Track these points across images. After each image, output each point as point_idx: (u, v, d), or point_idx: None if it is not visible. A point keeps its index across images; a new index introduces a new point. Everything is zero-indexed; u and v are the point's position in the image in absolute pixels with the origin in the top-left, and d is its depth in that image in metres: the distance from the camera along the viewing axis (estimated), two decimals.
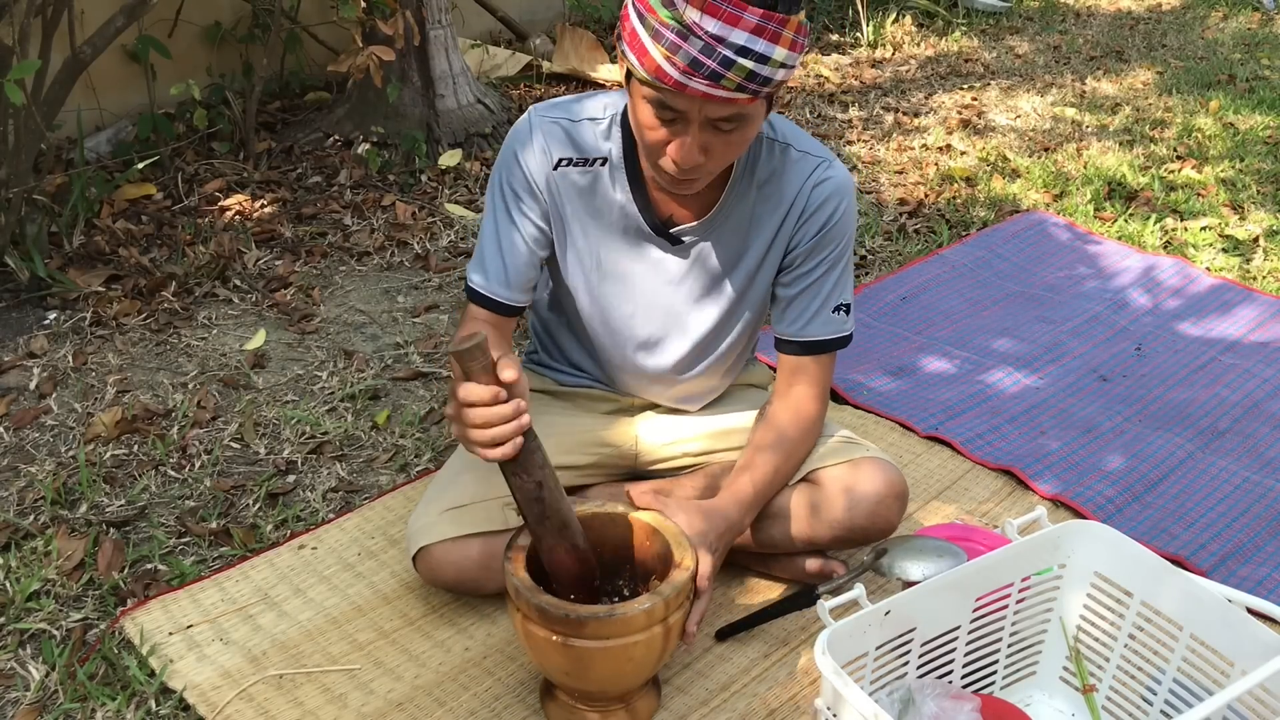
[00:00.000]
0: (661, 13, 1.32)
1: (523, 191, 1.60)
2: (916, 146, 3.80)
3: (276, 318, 2.57)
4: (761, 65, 1.32)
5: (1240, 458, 2.20)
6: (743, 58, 1.31)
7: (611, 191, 1.60)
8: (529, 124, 1.59)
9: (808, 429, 1.67)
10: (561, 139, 1.58)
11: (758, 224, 1.61)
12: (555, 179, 1.59)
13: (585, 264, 1.65)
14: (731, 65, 1.31)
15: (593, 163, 1.59)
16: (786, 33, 1.33)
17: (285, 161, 3.34)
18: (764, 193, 1.60)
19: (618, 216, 1.61)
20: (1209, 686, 1.39)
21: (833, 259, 1.63)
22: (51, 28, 2.53)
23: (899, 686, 1.41)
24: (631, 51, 1.37)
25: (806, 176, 1.59)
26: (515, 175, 1.60)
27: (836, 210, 1.60)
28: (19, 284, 2.54)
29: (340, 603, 1.73)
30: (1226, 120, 4.15)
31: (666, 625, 1.38)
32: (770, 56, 1.32)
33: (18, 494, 1.95)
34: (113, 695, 1.55)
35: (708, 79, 1.32)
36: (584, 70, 4.16)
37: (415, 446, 2.13)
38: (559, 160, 1.58)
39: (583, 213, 1.61)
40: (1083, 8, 5.92)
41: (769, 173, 1.59)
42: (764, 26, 1.31)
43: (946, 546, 1.54)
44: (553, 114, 1.59)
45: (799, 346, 1.66)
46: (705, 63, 1.31)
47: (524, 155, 1.59)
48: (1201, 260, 3.03)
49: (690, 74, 1.32)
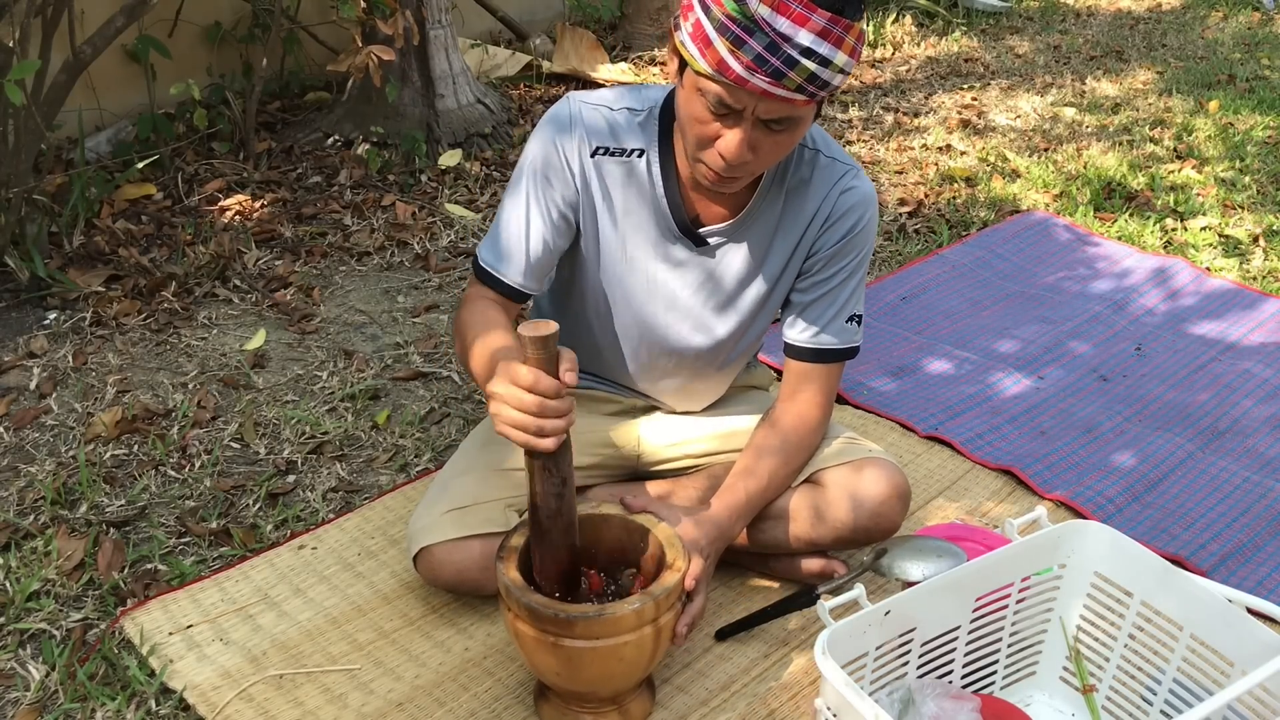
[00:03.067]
0: (729, 5, 1.32)
1: (555, 176, 1.57)
2: (916, 146, 3.80)
3: (276, 318, 2.57)
4: (823, 68, 1.32)
5: (1240, 458, 2.20)
6: (807, 59, 1.31)
7: (645, 185, 1.58)
8: (569, 109, 1.57)
9: (810, 435, 1.67)
10: (601, 127, 1.57)
11: (784, 230, 1.61)
12: (590, 167, 1.57)
13: (610, 255, 1.63)
14: (795, 65, 1.31)
15: (630, 154, 1.57)
16: (849, 39, 1.33)
17: (285, 161, 3.34)
18: (791, 199, 1.59)
19: (648, 212, 1.60)
20: (1209, 686, 1.39)
21: (851, 269, 1.62)
22: (51, 28, 2.54)
23: (899, 686, 1.41)
24: (694, 44, 1.36)
25: (834, 183, 1.58)
26: (550, 158, 1.57)
27: (860, 220, 1.59)
28: (19, 284, 2.54)
29: (340, 603, 1.73)
30: (1226, 120, 4.15)
31: (657, 626, 1.38)
32: (832, 60, 1.32)
33: (18, 494, 1.95)
34: (113, 695, 1.55)
35: (770, 76, 1.32)
36: (584, 70, 4.16)
37: (415, 446, 2.13)
38: (596, 148, 1.57)
39: (614, 204, 1.60)
40: (1083, 8, 5.92)
41: (798, 180, 1.59)
42: (830, 30, 1.31)
43: (946, 546, 1.54)
44: (593, 100, 1.58)
45: (810, 354, 1.65)
46: (770, 60, 1.31)
47: (561, 140, 1.57)
48: (1201, 260, 3.03)
49: (754, 70, 1.31)
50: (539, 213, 1.58)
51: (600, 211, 1.60)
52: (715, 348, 1.70)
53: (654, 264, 1.63)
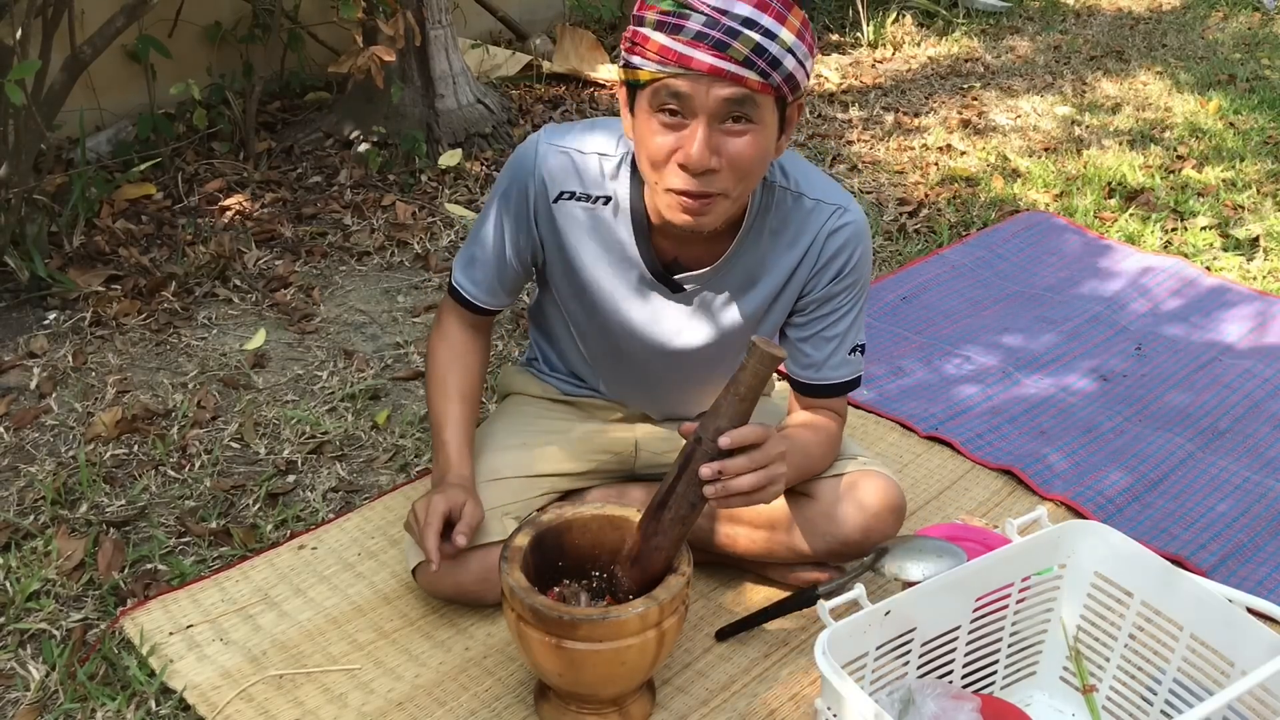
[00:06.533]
0: (662, 4, 1.32)
1: (519, 217, 1.59)
2: (917, 146, 3.80)
3: (276, 318, 2.57)
4: (769, 41, 1.31)
5: (1240, 458, 2.20)
6: (749, 29, 1.30)
7: (614, 232, 1.56)
8: (535, 151, 1.55)
9: (829, 438, 1.65)
10: (567, 171, 1.55)
11: (768, 272, 1.58)
12: (556, 211, 1.57)
13: (587, 295, 1.62)
14: (738, 35, 1.30)
15: (595, 200, 1.55)
16: (792, 19, 1.33)
17: (285, 161, 3.34)
18: (776, 241, 1.56)
19: (618, 258, 1.58)
20: (1209, 686, 1.39)
21: (848, 305, 1.60)
22: (51, 28, 2.53)
23: (899, 686, 1.40)
24: (635, 55, 1.35)
25: (821, 226, 1.55)
26: (516, 200, 1.58)
27: (851, 257, 1.57)
28: (19, 284, 2.54)
29: (340, 603, 1.73)
30: (1227, 120, 4.15)
31: (661, 630, 1.38)
32: (777, 35, 1.31)
33: (18, 494, 1.95)
34: (113, 695, 1.55)
35: (714, 48, 1.30)
36: (584, 70, 4.16)
37: (415, 446, 2.13)
38: (560, 193, 1.56)
39: (587, 245, 1.58)
40: (1083, 8, 5.91)
41: (781, 221, 1.56)
42: (768, 4, 1.31)
43: (946, 546, 1.53)
44: (562, 142, 1.55)
45: (812, 389, 1.64)
46: (710, 33, 1.30)
47: (526, 182, 1.56)
48: (1202, 260, 3.03)
49: (696, 45, 1.30)
50: (503, 241, 1.61)
51: (572, 252, 1.59)
52: (697, 379, 1.71)
53: (630, 306, 1.61)
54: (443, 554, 1.50)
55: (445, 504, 1.52)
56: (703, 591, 1.76)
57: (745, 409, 1.34)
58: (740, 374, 1.33)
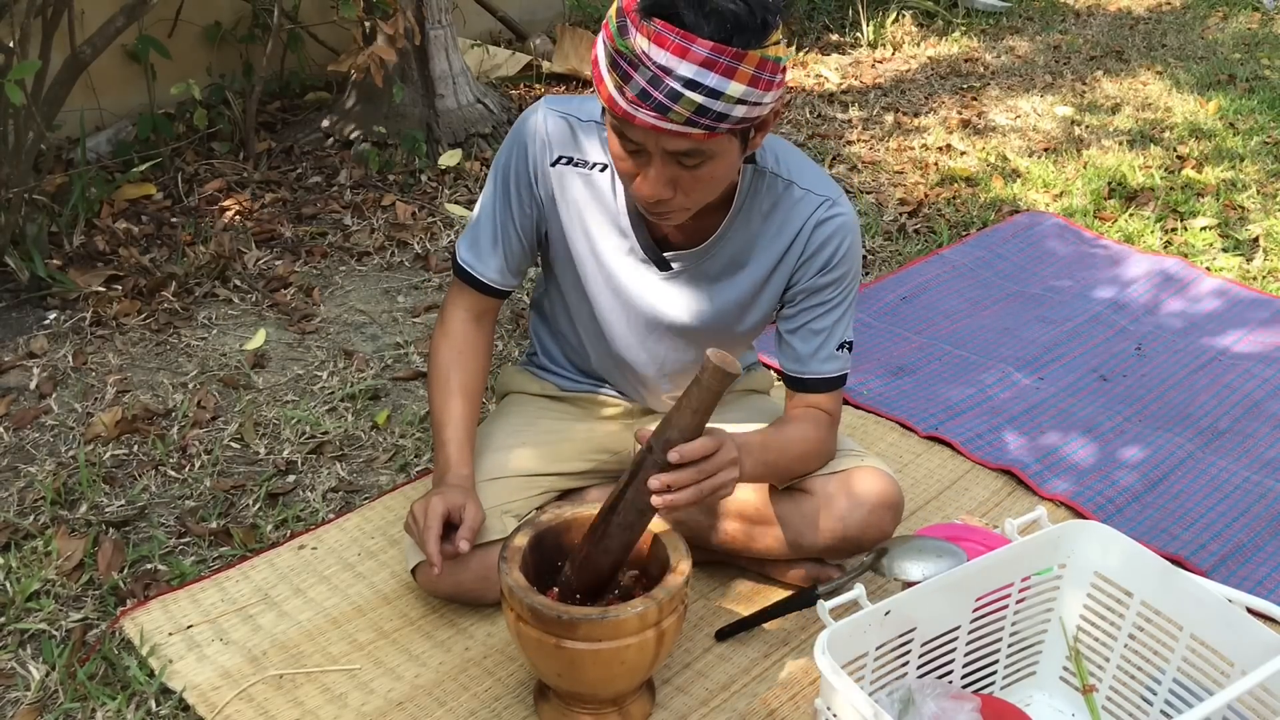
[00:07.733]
0: (618, 41, 1.29)
1: (521, 182, 1.59)
2: (916, 146, 3.80)
3: (276, 318, 2.57)
4: (713, 100, 1.27)
5: (1240, 458, 2.20)
6: (691, 91, 1.26)
7: (607, 200, 1.58)
8: (537, 114, 1.58)
9: (815, 435, 1.64)
10: (565, 136, 1.57)
11: (757, 256, 1.59)
12: (554, 175, 1.58)
13: (580, 265, 1.64)
14: (679, 99, 1.26)
15: (591, 166, 1.57)
16: (745, 67, 1.27)
17: (285, 161, 3.34)
18: (766, 225, 1.57)
19: (611, 227, 1.59)
20: (1209, 686, 1.39)
21: (835, 299, 1.60)
22: (51, 28, 2.53)
23: (899, 686, 1.41)
24: (596, 80, 1.36)
25: (809, 215, 1.55)
26: (517, 163, 1.59)
27: (839, 250, 1.57)
28: (19, 284, 2.54)
29: (340, 603, 1.73)
30: (1227, 120, 4.15)
31: (660, 629, 1.38)
32: (723, 92, 1.27)
33: (18, 494, 1.95)
34: (113, 695, 1.55)
35: (654, 110, 1.28)
36: (584, 70, 4.16)
37: (415, 446, 2.13)
38: (559, 157, 1.57)
39: (581, 214, 1.60)
40: (1083, 8, 5.91)
41: (770, 205, 1.56)
42: (715, 60, 1.25)
43: (946, 546, 1.54)
44: (562, 108, 1.57)
45: (800, 383, 1.64)
46: (652, 94, 1.27)
47: (529, 145, 1.58)
48: (1201, 260, 3.03)
49: (638, 104, 1.28)
50: (509, 212, 1.61)
51: (569, 220, 1.60)
52: (685, 365, 1.71)
53: (622, 278, 1.62)
54: (444, 556, 1.50)
55: (444, 506, 1.52)
56: (703, 591, 1.77)
57: (698, 422, 1.34)
58: (693, 387, 1.32)
